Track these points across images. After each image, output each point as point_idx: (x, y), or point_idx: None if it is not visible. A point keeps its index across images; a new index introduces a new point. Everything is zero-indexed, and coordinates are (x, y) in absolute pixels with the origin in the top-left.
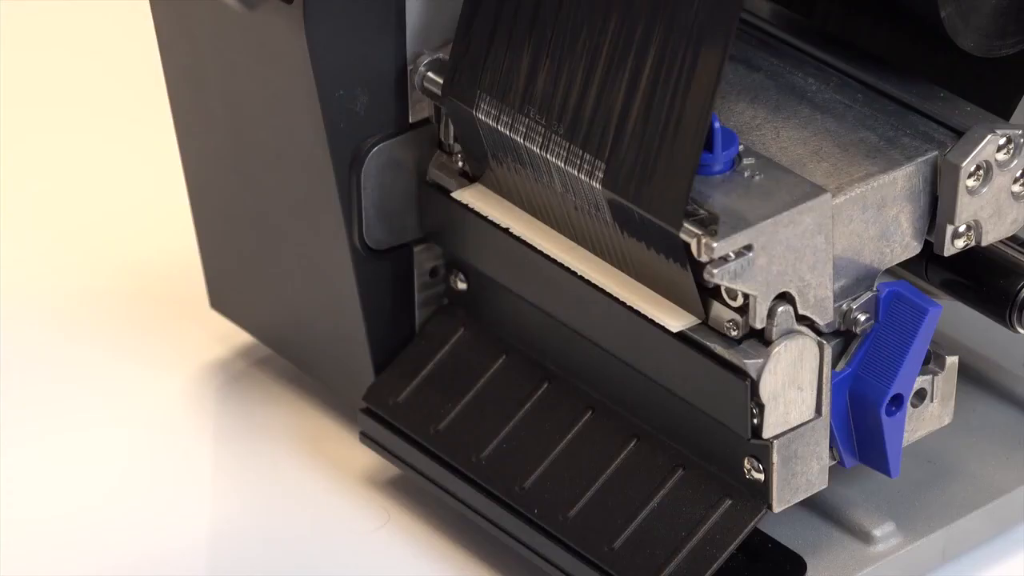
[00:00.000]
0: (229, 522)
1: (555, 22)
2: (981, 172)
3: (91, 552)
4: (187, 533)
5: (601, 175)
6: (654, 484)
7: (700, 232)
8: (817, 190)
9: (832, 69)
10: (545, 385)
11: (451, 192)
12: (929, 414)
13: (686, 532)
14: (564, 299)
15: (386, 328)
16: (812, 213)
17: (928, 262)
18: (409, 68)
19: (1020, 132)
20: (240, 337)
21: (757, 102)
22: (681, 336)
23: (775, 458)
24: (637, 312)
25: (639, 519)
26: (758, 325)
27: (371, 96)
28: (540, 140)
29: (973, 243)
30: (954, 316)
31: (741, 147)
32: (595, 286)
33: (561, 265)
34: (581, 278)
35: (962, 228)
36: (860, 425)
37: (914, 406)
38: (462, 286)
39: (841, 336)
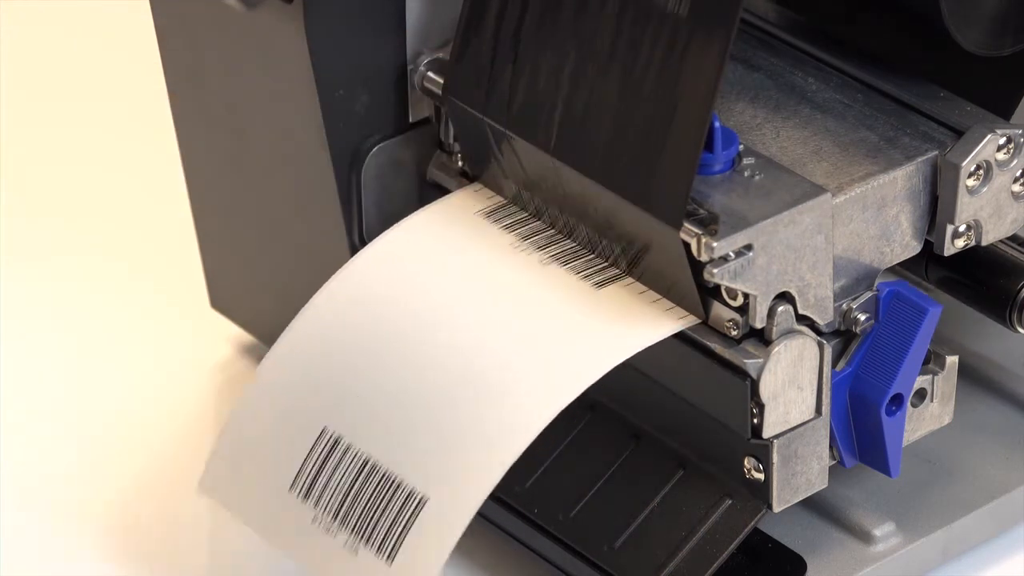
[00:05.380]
0: (229, 522)
1: (555, 21)
2: (981, 172)
3: (91, 552)
4: (187, 533)
5: (601, 175)
6: (654, 484)
7: (700, 232)
8: (817, 190)
9: (832, 69)
10: None
11: (451, 192)
12: (929, 414)
13: (686, 532)
14: None
15: None
16: (812, 213)
17: (928, 262)
18: (409, 68)
19: (1020, 132)
20: (240, 337)
21: (757, 102)
22: (681, 336)
23: (775, 458)
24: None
25: (639, 519)
26: (758, 325)
27: (371, 96)
28: (540, 140)
29: (973, 243)
30: (954, 316)
31: (741, 147)
32: None
33: None
34: None
35: (962, 228)
36: (860, 425)
37: (914, 406)
38: None
39: (841, 336)
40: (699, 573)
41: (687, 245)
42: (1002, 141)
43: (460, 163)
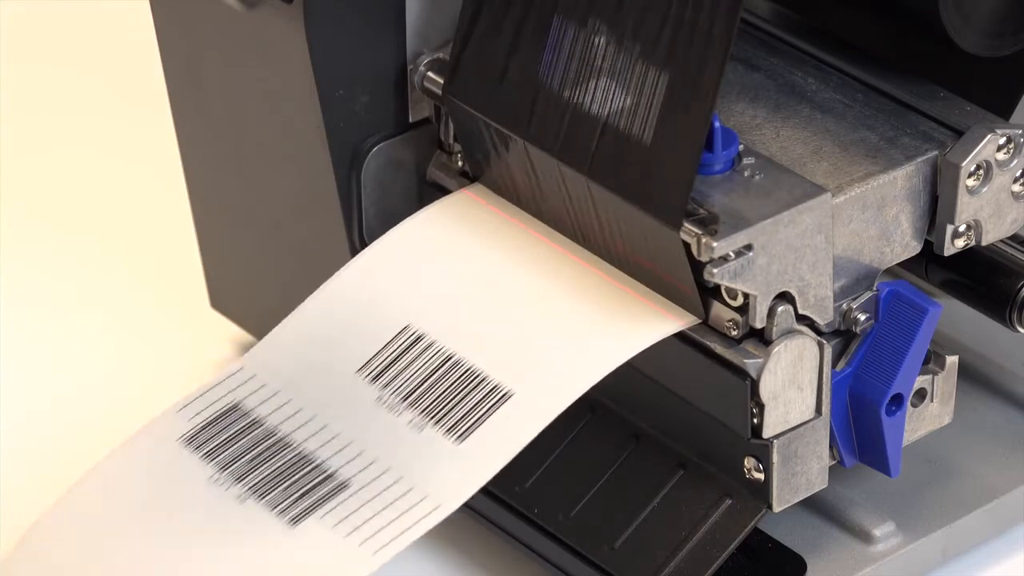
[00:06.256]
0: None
1: (556, 21)
2: (981, 172)
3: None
4: None
5: (601, 175)
6: (654, 484)
7: (700, 232)
8: (817, 190)
9: (832, 69)
10: None
11: (451, 192)
12: (929, 414)
13: (686, 532)
14: None
15: None
16: (812, 213)
17: (928, 262)
18: (409, 68)
19: (1020, 132)
20: (240, 337)
21: (757, 102)
22: (681, 336)
23: (775, 458)
24: None
25: (639, 519)
26: (758, 325)
27: (371, 96)
28: (540, 140)
29: (973, 243)
30: (954, 316)
31: (741, 146)
32: None
33: None
34: None
35: (962, 228)
36: (860, 425)
37: (914, 406)
38: None
39: (841, 336)
40: (699, 573)
41: (687, 245)
42: (1002, 141)
43: (460, 163)
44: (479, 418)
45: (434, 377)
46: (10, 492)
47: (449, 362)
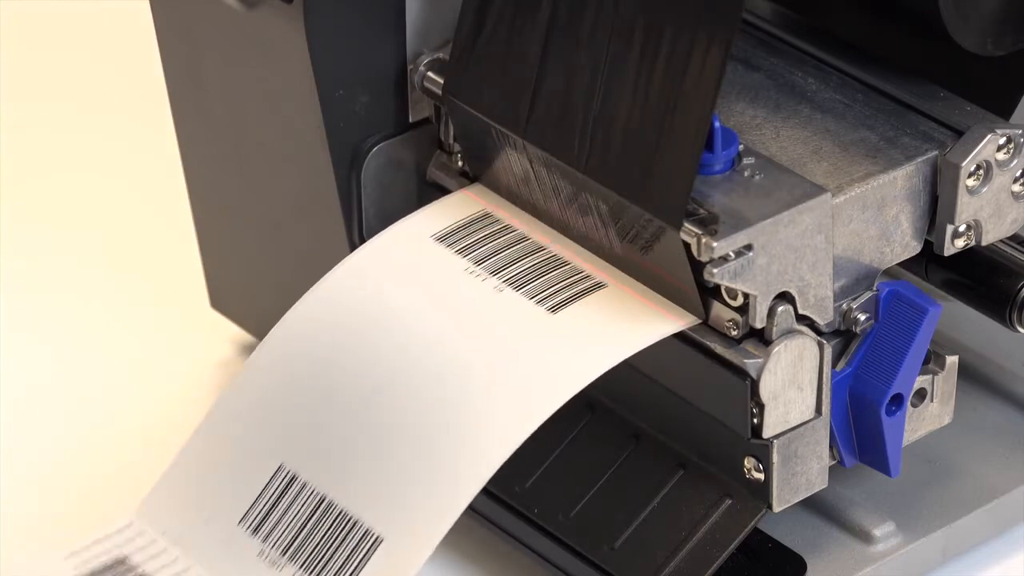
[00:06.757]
0: None
1: (555, 21)
2: (981, 172)
3: None
4: None
5: (601, 175)
6: (654, 484)
7: (700, 232)
8: (817, 190)
9: (832, 69)
10: None
11: (451, 192)
12: (929, 414)
13: (686, 532)
14: None
15: None
16: (812, 213)
17: (928, 262)
18: (409, 68)
19: (1020, 132)
20: (240, 337)
21: (757, 102)
22: (681, 336)
23: (775, 458)
24: None
25: (639, 519)
26: (758, 325)
27: (371, 96)
28: (540, 139)
29: (973, 243)
30: (954, 316)
31: (741, 146)
32: None
33: None
34: None
35: (962, 228)
36: (860, 425)
37: (914, 406)
38: None
39: (841, 336)
40: (699, 573)
41: (687, 245)
42: (1002, 141)
43: (460, 163)
44: (354, 570)
45: (310, 525)
46: (10, 492)
47: (322, 506)
